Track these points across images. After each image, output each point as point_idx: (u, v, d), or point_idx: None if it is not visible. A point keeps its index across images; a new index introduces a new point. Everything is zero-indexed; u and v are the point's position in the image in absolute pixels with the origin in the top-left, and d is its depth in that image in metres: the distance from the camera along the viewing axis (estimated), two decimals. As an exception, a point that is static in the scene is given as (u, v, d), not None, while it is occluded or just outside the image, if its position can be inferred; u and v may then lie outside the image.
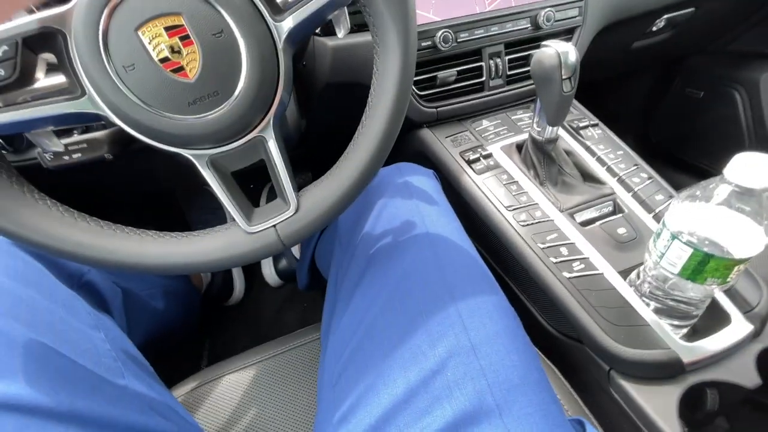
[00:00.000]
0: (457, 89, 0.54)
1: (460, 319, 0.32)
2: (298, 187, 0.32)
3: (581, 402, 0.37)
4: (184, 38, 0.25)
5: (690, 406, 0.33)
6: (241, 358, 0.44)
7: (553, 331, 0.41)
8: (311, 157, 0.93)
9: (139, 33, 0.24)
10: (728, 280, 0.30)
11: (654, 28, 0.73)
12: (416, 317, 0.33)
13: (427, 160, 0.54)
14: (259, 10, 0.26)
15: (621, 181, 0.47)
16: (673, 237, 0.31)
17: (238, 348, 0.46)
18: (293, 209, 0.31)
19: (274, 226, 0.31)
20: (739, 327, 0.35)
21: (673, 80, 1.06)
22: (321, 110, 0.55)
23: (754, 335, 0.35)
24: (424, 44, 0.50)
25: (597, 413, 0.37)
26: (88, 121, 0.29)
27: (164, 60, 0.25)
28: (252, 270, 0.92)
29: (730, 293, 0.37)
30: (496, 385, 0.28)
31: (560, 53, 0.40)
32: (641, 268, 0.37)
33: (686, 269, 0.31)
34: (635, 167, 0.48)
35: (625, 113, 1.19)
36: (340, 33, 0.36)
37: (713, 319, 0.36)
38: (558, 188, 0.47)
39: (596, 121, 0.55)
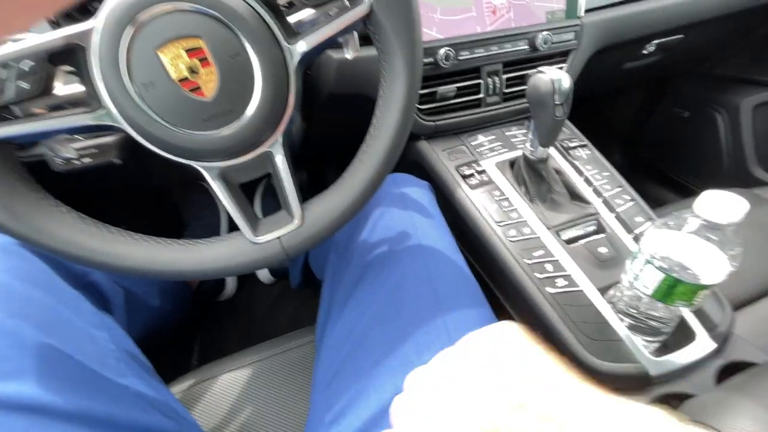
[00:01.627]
0: (455, 104, 0.56)
1: (446, 330, 0.35)
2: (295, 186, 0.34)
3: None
4: (203, 59, 0.26)
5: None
6: (237, 357, 0.45)
7: (535, 342, 0.44)
8: (308, 156, 0.94)
9: (159, 53, 0.25)
10: (694, 302, 0.33)
11: (645, 52, 0.76)
12: (406, 327, 0.35)
13: (423, 170, 0.56)
14: (274, 35, 0.28)
15: (605, 202, 0.49)
16: (648, 261, 0.34)
17: (229, 344, 0.48)
18: (298, 222, 0.33)
19: (278, 237, 0.33)
20: (703, 344, 0.38)
21: (662, 99, 1.10)
22: (322, 117, 0.56)
23: (716, 352, 0.39)
24: (426, 60, 0.52)
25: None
26: (102, 131, 0.30)
27: (183, 80, 0.26)
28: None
29: (698, 312, 0.40)
30: None
31: (554, 80, 0.42)
32: (618, 286, 0.40)
33: (657, 291, 0.34)
34: (619, 189, 0.51)
35: (617, 130, 1.23)
36: (349, 54, 0.38)
37: (681, 335, 0.39)
38: (546, 205, 0.49)
39: (585, 141, 0.57)
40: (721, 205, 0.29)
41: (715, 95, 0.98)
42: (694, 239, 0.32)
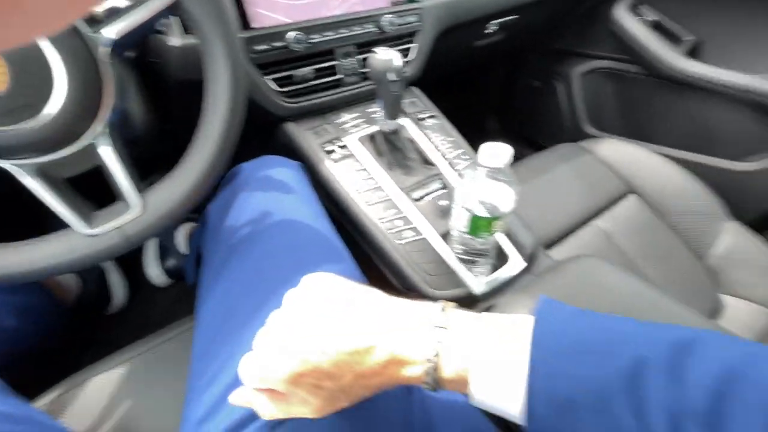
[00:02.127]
0: (316, 86, 0.60)
1: (307, 287, 0.39)
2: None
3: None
4: (-13, 53, 0.25)
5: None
6: (110, 360, 0.44)
7: (398, 286, 0.51)
8: (179, 152, 0.90)
9: None
10: (493, 231, 0.43)
11: (489, 31, 0.87)
12: (270, 291, 0.39)
13: (294, 152, 0.59)
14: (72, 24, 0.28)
15: (449, 163, 0.58)
16: (460, 206, 0.42)
17: None
18: (138, 210, 0.34)
19: (118, 227, 0.33)
20: (514, 264, 0.49)
21: (520, 72, 1.28)
22: (179, 107, 0.55)
23: (526, 269, 0.50)
24: (276, 44, 0.54)
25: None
26: None
27: (-36, 75, 0.25)
28: (135, 273, 0.87)
29: (512, 240, 0.51)
30: None
31: (385, 60, 0.48)
32: (451, 230, 0.49)
33: (468, 228, 0.42)
34: (461, 150, 0.61)
35: (490, 101, 1.39)
36: (176, 41, 0.38)
37: (500, 260, 0.50)
38: (402, 171, 0.57)
39: (435, 112, 0.66)
40: (493, 153, 0.38)
41: (555, 66, 1.16)
42: (487, 181, 0.41)
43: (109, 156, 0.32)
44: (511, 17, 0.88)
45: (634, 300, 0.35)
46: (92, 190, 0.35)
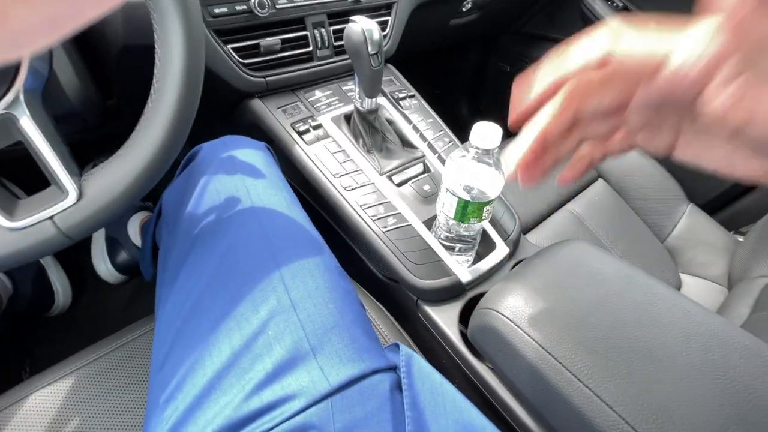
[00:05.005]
0: (284, 58, 0.54)
1: (281, 281, 0.35)
2: None
3: (401, 329, 0.46)
4: None
5: (469, 312, 0.44)
6: (53, 371, 0.38)
7: (379, 276, 0.48)
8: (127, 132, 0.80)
9: None
10: (483, 217, 0.41)
11: (464, 9, 0.85)
12: (241, 287, 0.35)
13: (261, 131, 0.54)
14: None
15: (429, 146, 0.55)
16: (447, 190, 0.40)
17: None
18: (74, 197, 0.28)
19: (50, 218, 0.27)
20: (500, 251, 0.48)
21: (490, 56, 1.26)
22: (126, 78, 0.48)
23: (510, 255, 0.49)
24: (238, 8, 0.47)
25: (412, 336, 0.46)
26: None
27: None
28: (81, 269, 0.78)
29: (496, 227, 0.50)
30: (312, 332, 0.32)
31: (365, 30, 0.44)
32: (436, 216, 0.47)
33: (456, 214, 0.40)
34: (441, 132, 0.58)
35: (462, 84, 1.37)
36: None
37: (486, 248, 0.48)
38: (381, 154, 0.53)
39: (414, 92, 0.62)
40: (486, 133, 0.36)
41: (525, 50, 1.16)
42: (475, 165, 0.38)
43: (33, 129, 0.26)
44: (486, -5, 0.86)
45: (623, 282, 0.34)
46: (25, 180, 0.29)
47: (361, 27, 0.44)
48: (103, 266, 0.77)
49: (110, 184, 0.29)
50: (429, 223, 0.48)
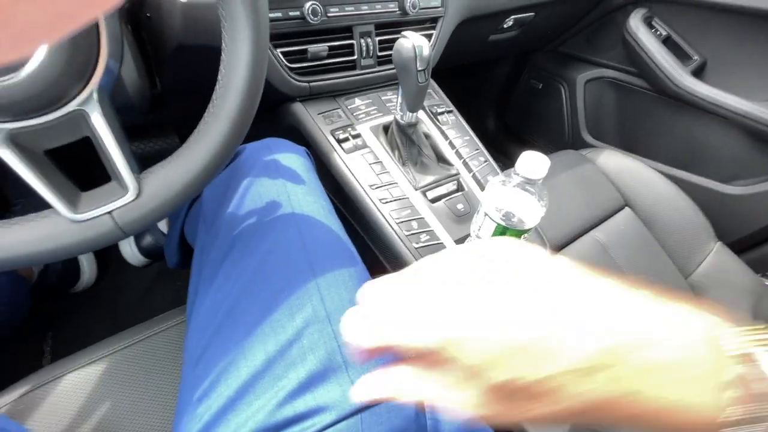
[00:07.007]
0: (329, 65, 0.55)
1: (318, 291, 0.36)
2: (163, 152, 0.29)
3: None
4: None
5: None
6: (89, 352, 0.39)
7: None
8: (175, 118, 0.82)
9: None
10: (519, 245, 0.41)
11: (505, 26, 0.84)
12: (278, 294, 0.35)
13: (300, 135, 0.54)
14: None
15: (465, 164, 0.56)
16: (485, 214, 0.40)
17: (90, 341, 0.41)
18: (133, 194, 0.29)
19: (109, 213, 0.28)
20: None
21: (522, 72, 1.26)
22: (177, 72, 0.49)
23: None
24: (291, 14, 0.48)
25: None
26: None
27: None
28: (106, 249, 0.80)
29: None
30: (346, 345, 0.33)
31: (416, 46, 0.44)
32: (470, 237, 0.47)
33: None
34: (477, 151, 0.58)
35: (490, 99, 1.37)
36: None
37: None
38: (417, 168, 0.53)
39: (452, 107, 0.63)
40: (534, 164, 0.36)
41: (560, 70, 1.15)
42: (517, 192, 0.38)
43: (102, 126, 0.27)
44: (527, 14, 0.85)
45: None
46: (75, 170, 0.30)
47: (412, 43, 0.44)
48: (128, 248, 0.79)
49: (168, 184, 0.30)
50: (460, 242, 0.48)
